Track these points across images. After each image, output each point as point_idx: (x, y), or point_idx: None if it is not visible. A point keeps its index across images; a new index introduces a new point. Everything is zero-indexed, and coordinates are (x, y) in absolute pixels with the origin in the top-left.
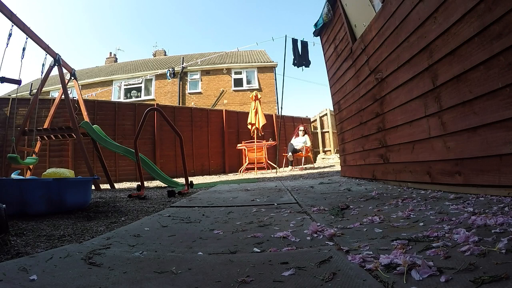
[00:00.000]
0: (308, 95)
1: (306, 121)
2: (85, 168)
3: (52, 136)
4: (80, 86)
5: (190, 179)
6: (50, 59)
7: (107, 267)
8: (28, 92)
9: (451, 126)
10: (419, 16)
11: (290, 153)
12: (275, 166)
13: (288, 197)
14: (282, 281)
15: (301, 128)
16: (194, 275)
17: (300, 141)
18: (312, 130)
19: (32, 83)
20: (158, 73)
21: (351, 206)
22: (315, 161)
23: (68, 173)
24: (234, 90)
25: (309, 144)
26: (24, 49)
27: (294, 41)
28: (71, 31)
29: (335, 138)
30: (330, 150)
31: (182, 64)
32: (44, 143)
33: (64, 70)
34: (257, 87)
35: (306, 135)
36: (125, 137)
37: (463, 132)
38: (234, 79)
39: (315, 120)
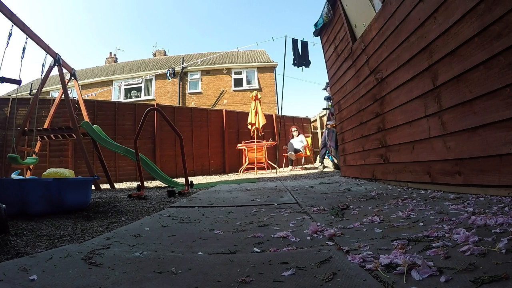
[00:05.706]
0: (308, 95)
1: (306, 121)
2: (85, 168)
3: (52, 136)
4: (80, 86)
5: (190, 179)
6: (50, 59)
7: (107, 267)
8: (28, 92)
9: (451, 126)
10: (419, 16)
11: (291, 152)
12: (275, 166)
13: (288, 197)
14: (282, 281)
15: (294, 129)
16: (194, 275)
17: (298, 141)
18: (312, 130)
19: (32, 83)
20: (158, 73)
21: (351, 206)
22: (315, 161)
23: (68, 173)
24: (234, 90)
25: (305, 142)
26: (24, 49)
27: (294, 41)
28: (71, 31)
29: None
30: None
31: (182, 64)
32: (44, 143)
33: (64, 70)
34: (257, 87)
35: (301, 135)
36: (125, 137)
37: (463, 132)
38: (234, 79)
39: (315, 120)
